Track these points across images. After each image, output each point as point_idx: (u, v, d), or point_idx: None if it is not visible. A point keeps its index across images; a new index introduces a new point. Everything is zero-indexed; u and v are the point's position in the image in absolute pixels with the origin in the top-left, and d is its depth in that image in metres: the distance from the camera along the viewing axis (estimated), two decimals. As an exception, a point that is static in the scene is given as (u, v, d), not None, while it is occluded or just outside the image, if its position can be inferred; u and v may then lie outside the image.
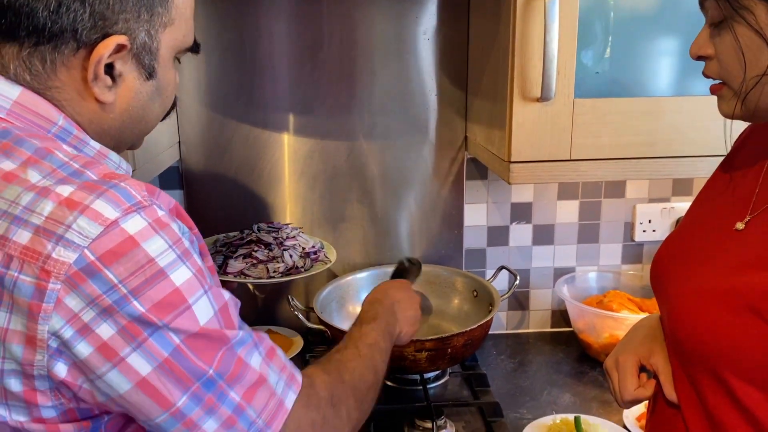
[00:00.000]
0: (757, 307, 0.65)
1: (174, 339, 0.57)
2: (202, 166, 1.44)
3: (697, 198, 0.89)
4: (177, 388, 0.58)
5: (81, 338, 0.55)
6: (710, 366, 0.71)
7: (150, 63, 0.66)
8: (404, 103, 1.45)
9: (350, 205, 1.49)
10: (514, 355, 1.50)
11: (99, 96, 0.63)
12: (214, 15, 1.36)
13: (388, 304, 0.99)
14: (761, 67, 0.67)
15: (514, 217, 1.54)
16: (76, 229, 0.54)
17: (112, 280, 0.55)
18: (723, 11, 0.68)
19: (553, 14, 1.04)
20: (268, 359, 0.66)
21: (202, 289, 0.60)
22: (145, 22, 0.63)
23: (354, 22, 1.39)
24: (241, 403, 0.62)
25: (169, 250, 0.57)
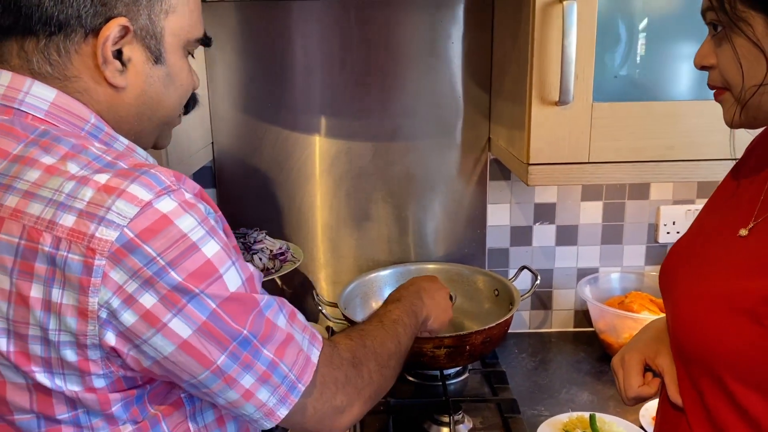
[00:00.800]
0: (755, 311, 0.67)
1: (210, 304, 0.63)
2: (234, 165, 1.50)
3: (706, 204, 0.90)
4: (216, 348, 0.64)
5: (127, 307, 0.61)
6: (711, 369, 0.72)
7: (156, 47, 0.70)
8: (429, 105, 1.48)
9: (375, 204, 1.53)
10: (535, 353, 1.52)
11: (111, 79, 0.68)
12: (245, 21, 1.42)
13: (414, 289, 1.05)
14: (759, 77, 0.68)
15: (538, 218, 1.56)
16: (115, 210, 0.60)
17: (150, 253, 0.60)
18: (722, 22, 0.70)
19: (571, 19, 1.06)
20: (291, 320, 0.72)
21: (230, 260, 0.65)
22: (145, 7, 0.68)
23: (381, 27, 1.43)
24: (274, 359, 0.68)
25: (198, 227, 0.63)
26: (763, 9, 0.66)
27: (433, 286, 1.11)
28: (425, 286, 1.09)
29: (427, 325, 1.06)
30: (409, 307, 0.98)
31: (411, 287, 1.07)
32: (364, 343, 0.82)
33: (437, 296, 1.10)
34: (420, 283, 1.10)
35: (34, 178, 0.61)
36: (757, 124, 0.74)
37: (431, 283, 1.12)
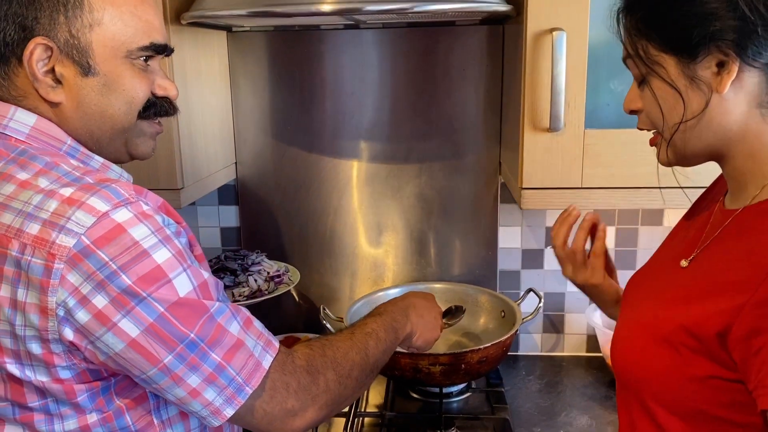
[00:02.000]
0: (672, 339, 0.69)
1: (158, 307, 0.69)
2: (256, 185, 1.59)
3: (670, 233, 0.93)
4: (162, 348, 0.70)
5: (81, 307, 0.68)
6: (638, 393, 0.75)
7: (83, 60, 0.75)
8: (444, 129, 1.53)
9: (388, 225, 1.58)
10: (543, 376, 1.53)
11: (45, 96, 0.75)
12: (268, 48, 1.51)
13: (402, 305, 1.06)
14: (679, 116, 0.71)
15: (549, 241, 1.57)
16: (75, 220, 0.67)
17: (103, 258, 0.67)
18: (640, 68, 0.73)
19: (560, 48, 1.09)
20: (246, 327, 0.77)
21: (181, 267, 0.71)
22: (63, 25, 0.74)
23: (398, 56, 1.50)
24: (221, 362, 0.73)
25: (151, 236, 0.70)
26: (672, 51, 0.69)
27: (425, 304, 1.11)
28: (416, 303, 1.09)
29: (411, 342, 1.06)
30: (389, 323, 0.99)
31: (400, 302, 1.07)
32: (324, 353, 0.84)
33: (426, 314, 1.09)
34: (411, 300, 1.10)
35: (9, 191, 0.70)
36: (687, 163, 0.76)
37: (423, 301, 1.11)
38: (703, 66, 0.68)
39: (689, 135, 0.72)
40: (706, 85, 0.68)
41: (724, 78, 0.67)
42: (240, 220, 1.62)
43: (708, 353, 0.66)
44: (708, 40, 0.66)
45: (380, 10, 1.06)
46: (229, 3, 1.07)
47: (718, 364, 0.66)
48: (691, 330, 0.67)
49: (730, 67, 0.67)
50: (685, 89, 0.70)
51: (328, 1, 1.05)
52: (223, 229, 1.63)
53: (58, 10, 0.74)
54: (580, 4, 1.10)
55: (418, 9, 1.05)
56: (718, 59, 0.67)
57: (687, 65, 0.69)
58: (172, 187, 1.22)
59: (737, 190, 0.75)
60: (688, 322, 0.68)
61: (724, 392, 0.66)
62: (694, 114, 0.70)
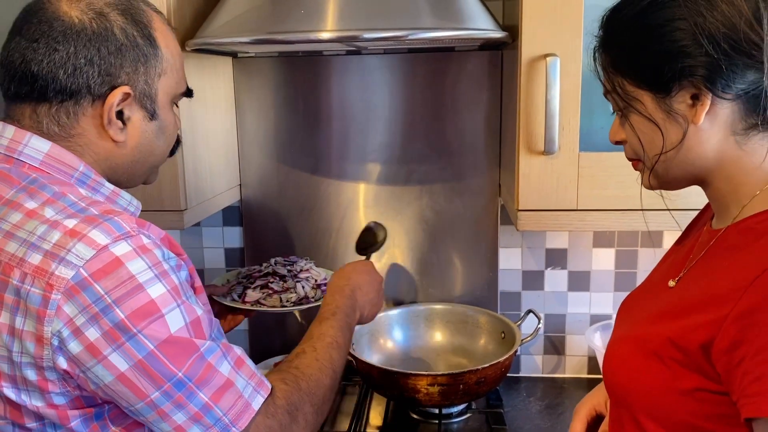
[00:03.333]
0: (659, 352, 0.71)
1: (148, 345, 0.71)
2: (260, 206, 1.62)
3: (661, 258, 0.94)
4: (150, 384, 0.71)
5: (74, 338, 0.70)
6: (629, 408, 0.76)
7: (151, 106, 0.83)
8: (444, 151, 1.55)
9: (389, 245, 1.60)
10: (543, 398, 1.53)
11: (114, 137, 0.80)
12: (273, 74, 1.55)
13: (348, 291, 1.08)
14: (658, 146, 0.74)
15: (549, 263, 1.59)
16: (75, 252, 0.70)
17: (99, 291, 0.69)
18: (618, 103, 0.77)
19: (554, 73, 1.12)
20: (237, 367, 0.78)
21: (175, 303, 0.73)
22: (143, 74, 0.80)
23: (400, 80, 1.53)
24: (208, 402, 0.74)
25: (147, 270, 0.72)
26: (647, 87, 0.72)
27: (367, 279, 1.14)
28: (359, 283, 1.11)
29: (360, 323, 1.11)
30: (344, 321, 1.01)
31: (346, 289, 1.09)
32: (299, 386, 0.85)
33: (371, 291, 1.13)
34: (354, 280, 1.11)
35: (16, 220, 0.73)
36: (669, 187, 0.79)
37: (365, 276, 1.14)
38: (677, 100, 0.71)
39: (669, 164, 0.75)
40: (682, 117, 0.71)
41: (699, 110, 0.70)
42: (244, 241, 1.64)
43: (694, 366, 0.67)
44: (679, 75, 0.69)
45: (378, 37, 1.09)
46: (233, 30, 1.11)
47: (704, 377, 0.67)
48: (677, 343, 0.69)
49: (703, 99, 0.69)
50: (663, 122, 0.72)
51: (327, 29, 1.08)
52: (227, 250, 1.66)
53: (140, 61, 0.80)
54: (574, 30, 1.12)
55: (413, 36, 1.08)
56: (691, 92, 0.70)
57: (662, 100, 0.72)
58: (175, 209, 1.25)
59: (720, 211, 0.77)
60: (674, 335, 0.69)
61: (711, 405, 0.67)
62: (673, 145, 0.73)
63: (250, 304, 1.26)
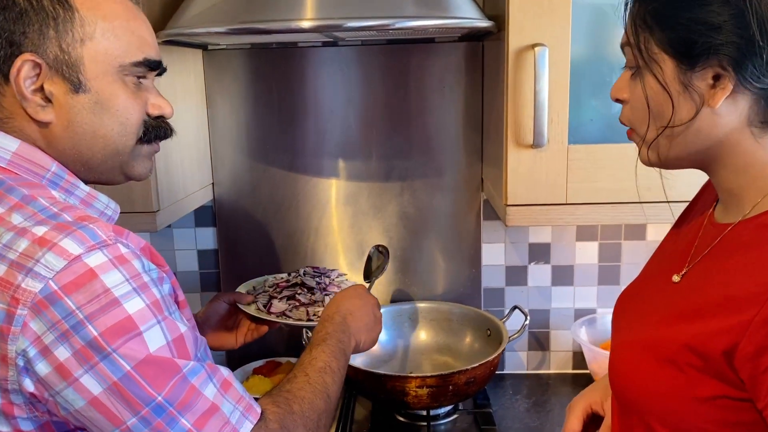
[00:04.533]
0: (676, 359, 0.67)
1: (124, 365, 0.64)
2: (234, 205, 1.56)
3: (658, 247, 0.91)
4: (126, 409, 0.64)
5: (42, 358, 0.63)
6: (641, 415, 0.73)
7: (73, 76, 0.71)
8: (425, 146, 1.51)
9: (370, 244, 1.55)
10: (530, 395, 1.50)
11: (34, 116, 0.70)
12: (245, 66, 1.49)
13: (339, 319, 1.00)
14: (665, 119, 0.69)
15: (533, 258, 1.56)
16: (44, 263, 0.63)
17: (70, 306, 0.62)
18: (636, 60, 0.71)
19: (542, 64, 1.08)
20: (223, 390, 0.71)
21: (155, 319, 0.66)
22: (54, 39, 0.70)
23: (378, 73, 1.48)
24: (191, 429, 0.67)
25: (125, 283, 0.65)
26: (673, 53, 0.67)
27: (359, 304, 1.06)
28: (351, 309, 1.04)
29: (359, 351, 1.03)
30: (337, 348, 0.94)
31: (337, 317, 1.01)
32: (291, 409, 0.78)
33: (364, 316, 1.05)
34: (345, 307, 1.04)
35: None
36: (669, 166, 0.75)
37: (356, 301, 1.07)
38: (699, 76, 0.66)
39: (675, 141, 0.70)
40: (699, 96, 0.67)
41: (718, 93, 0.66)
42: (218, 242, 1.58)
43: (714, 372, 0.64)
44: (710, 51, 0.65)
45: (361, 26, 1.04)
46: (207, 20, 1.05)
47: (725, 383, 0.64)
48: (695, 349, 0.65)
49: (725, 83, 0.65)
50: (677, 95, 0.68)
51: (307, 18, 1.03)
52: (200, 252, 1.59)
53: (48, 25, 0.70)
54: (562, 20, 1.09)
55: (399, 25, 1.03)
56: (715, 72, 0.66)
57: (684, 72, 0.67)
58: (147, 210, 1.18)
59: (729, 202, 0.73)
60: (692, 341, 0.66)
61: (731, 411, 0.64)
62: (681, 121, 0.68)
63: (276, 315, 1.19)
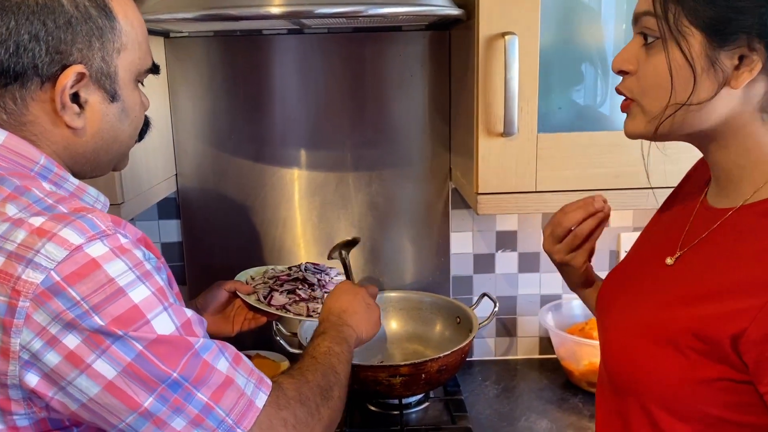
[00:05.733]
0: (678, 342, 0.67)
1: (136, 345, 0.63)
2: (199, 197, 1.52)
3: (643, 230, 0.92)
4: (142, 389, 0.64)
5: (50, 348, 0.61)
6: (639, 399, 0.73)
7: (111, 86, 0.73)
8: (392, 136, 1.51)
9: (339, 234, 1.55)
10: (498, 381, 1.52)
11: (70, 123, 0.70)
12: (209, 54, 1.45)
13: (334, 319, 1.04)
14: (684, 96, 0.67)
15: (500, 245, 1.58)
16: (44, 253, 0.61)
17: (74, 297, 0.61)
18: (661, 31, 0.67)
19: (513, 52, 1.09)
20: (235, 364, 0.71)
21: (162, 306, 0.66)
22: (98, 50, 0.70)
23: (344, 62, 1.46)
24: (208, 402, 0.67)
25: (129, 272, 0.64)
26: (705, 29, 0.65)
27: (351, 299, 1.09)
28: (344, 306, 1.07)
29: (362, 342, 1.07)
30: (336, 336, 0.97)
31: (331, 316, 1.05)
32: (306, 378, 0.81)
33: (359, 309, 1.08)
34: (338, 305, 1.08)
35: None
36: (661, 139, 0.73)
37: (348, 296, 1.10)
38: (727, 54, 0.64)
39: (684, 118, 0.68)
40: (723, 75, 0.65)
41: (744, 74, 0.64)
42: (182, 234, 1.54)
43: (717, 356, 0.65)
44: (745, 30, 0.63)
45: (332, 13, 1.02)
46: (171, 6, 1.01)
47: (728, 366, 0.64)
48: (698, 333, 0.65)
49: (753, 65, 0.64)
50: (701, 71, 0.65)
51: (277, 4, 1.01)
52: (164, 245, 1.55)
53: (95, 35, 0.70)
54: (531, 8, 1.10)
55: (371, 12, 1.02)
56: (742, 53, 0.64)
57: (713, 48, 0.65)
58: (111, 202, 1.13)
59: (727, 185, 0.72)
60: (695, 324, 0.66)
61: (732, 393, 0.65)
62: (699, 100, 0.66)
63: (276, 308, 1.19)
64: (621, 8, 1.17)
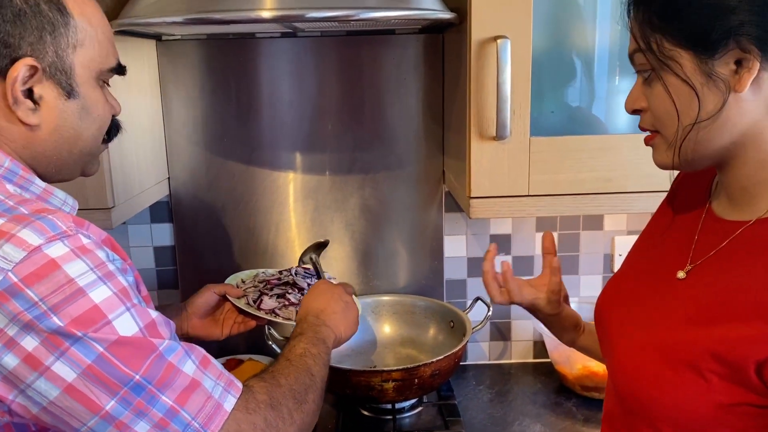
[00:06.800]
0: (697, 364, 0.65)
1: (97, 347, 0.62)
2: (191, 200, 1.52)
3: (638, 240, 0.90)
4: (103, 392, 0.63)
5: (8, 351, 0.61)
6: (651, 420, 0.71)
7: (67, 82, 0.71)
8: (386, 139, 1.50)
9: (332, 237, 1.54)
10: (492, 385, 1.52)
11: (24, 119, 0.69)
12: (201, 58, 1.45)
13: (312, 320, 1.01)
14: (693, 115, 0.67)
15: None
16: (2, 254, 0.60)
17: (32, 298, 0.60)
18: (651, 63, 0.68)
19: (505, 56, 1.09)
20: (203, 366, 0.70)
21: (124, 306, 0.65)
22: (50, 44, 0.69)
23: (338, 65, 1.46)
24: (173, 405, 0.66)
25: (89, 272, 0.63)
26: (690, 46, 0.65)
27: (328, 299, 1.07)
28: (321, 306, 1.05)
29: (341, 341, 1.05)
30: (313, 337, 0.95)
31: (310, 317, 1.02)
32: (279, 382, 0.79)
33: (337, 308, 1.06)
34: (315, 307, 1.05)
35: None
36: (691, 167, 0.72)
37: (325, 296, 1.08)
38: (721, 63, 0.64)
39: (701, 137, 0.67)
40: (724, 84, 0.64)
41: (744, 76, 0.63)
42: (175, 238, 1.53)
43: (738, 380, 0.63)
44: (729, 34, 0.62)
45: (323, 17, 1.02)
46: (163, 10, 1.01)
47: (750, 391, 0.62)
48: (721, 356, 0.63)
49: (750, 64, 0.63)
50: (701, 87, 0.65)
51: (268, 8, 1.00)
52: (156, 249, 1.55)
53: (46, 29, 0.69)
54: (524, 12, 1.09)
55: (362, 16, 1.02)
56: (737, 56, 0.64)
57: (704, 61, 0.64)
58: (102, 207, 1.14)
59: (742, 199, 0.71)
60: (717, 347, 0.64)
61: (753, 418, 0.63)
62: (709, 114, 0.65)
63: (265, 312, 1.18)
64: (614, 12, 1.17)
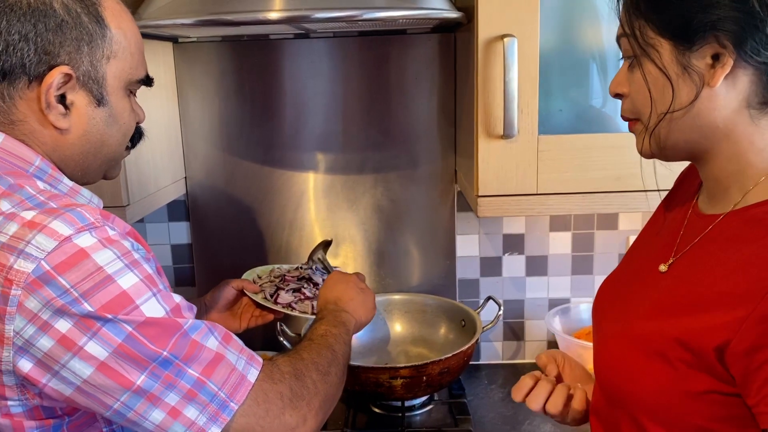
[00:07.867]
0: (666, 353, 0.66)
1: (126, 327, 0.66)
2: (207, 199, 1.55)
3: (636, 239, 0.91)
4: (134, 368, 0.67)
5: (43, 333, 0.64)
6: (629, 410, 0.72)
7: (98, 91, 0.75)
8: (398, 138, 1.51)
9: (345, 237, 1.56)
10: (505, 384, 1.51)
11: (55, 122, 0.73)
12: (216, 59, 1.48)
13: (331, 307, 1.07)
14: (666, 104, 0.68)
15: (507, 248, 1.57)
16: (35, 244, 0.64)
17: (64, 285, 0.64)
18: (633, 49, 0.70)
19: (512, 54, 1.09)
20: (225, 342, 0.74)
21: (150, 291, 0.69)
22: (87, 54, 0.73)
23: (351, 65, 1.48)
24: (200, 377, 0.70)
25: (117, 260, 0.67)
26: (669, 36, 0.66)
27: (344, 288, 1.12)
28: (339, 295, 1.11)
29: (361, 326, 1.10)
30: (333, 320, 1.01)
31: (330, 305, 1.08)
32: (302, 356, 0.84)
33: (354, 294, 1.11)
34: (334, 295, 1.11)
35: None
36: (666, 156, 0.73)
37: (341, 285, 1.13)
38: (698, 56, 0.65)
39: (674, 127, 0.69)
40: (698, 77, 0.66)
41: (718, 71, 0.64)
42: (192, 236, 1.57)
43: (704, 368, 0.63)
44: (707, 28, 0.63)
45: (329, 17, 1.03)
46: (174, 12, 1.04)
47: (716, 379, 0.63)
48: (686, 344, 0.64)
49: (725, 60, 0.64)
50: (676, 78, 0.67)
51: (276, 9, 1.02)
52: (173, 246, 1.58)
53: (84, 40, 0.73)
54: (530, 10, 1.10)
55: (367, 16, 1.03)
56: (714, 50, 0.64)
57: (682, 53, 0.66)
58: (117, 205, 1.17)
59: (716, 193, 0.72)
60: (683, 335, 0.65)
61: (722, 406, 0.64)
62: (682, 105, 0.67)
63: (282, 306, 1.22)
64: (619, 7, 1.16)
